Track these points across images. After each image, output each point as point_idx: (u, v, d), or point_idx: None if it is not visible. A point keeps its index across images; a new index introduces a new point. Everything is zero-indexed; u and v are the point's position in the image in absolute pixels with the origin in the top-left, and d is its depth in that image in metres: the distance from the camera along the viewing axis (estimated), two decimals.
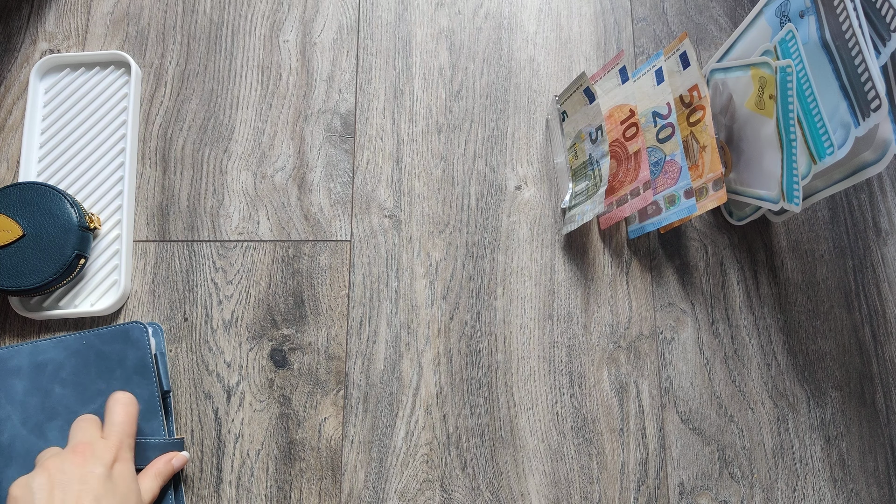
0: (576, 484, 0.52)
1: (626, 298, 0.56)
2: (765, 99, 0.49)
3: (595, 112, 0.54)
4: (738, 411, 0.54)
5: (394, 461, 0.52)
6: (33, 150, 0.57)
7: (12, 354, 0.49)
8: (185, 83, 0.60)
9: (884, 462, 0.54)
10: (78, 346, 0.50)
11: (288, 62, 0.61)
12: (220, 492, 0.51)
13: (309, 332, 0.55)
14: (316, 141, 0.59)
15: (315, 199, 0.58)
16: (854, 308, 0.57)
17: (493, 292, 0.56)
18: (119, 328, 0.50)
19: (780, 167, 0.49)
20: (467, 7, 0.63)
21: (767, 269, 0.58)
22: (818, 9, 0.46)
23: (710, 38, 0.63)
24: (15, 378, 0.48)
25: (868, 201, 0.60)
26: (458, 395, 0.54)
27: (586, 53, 0.62)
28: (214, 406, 0.53)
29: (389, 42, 0.62)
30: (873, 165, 0.45)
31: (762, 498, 0.53)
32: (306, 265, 0.56)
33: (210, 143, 0.59)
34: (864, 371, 0.56)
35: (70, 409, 0.48)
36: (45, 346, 0.49)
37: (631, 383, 0.55)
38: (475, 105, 0.61)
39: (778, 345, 0.56)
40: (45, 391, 0.48)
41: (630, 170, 0.55)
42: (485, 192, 0.58)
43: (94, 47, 0.61)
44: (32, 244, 0.51)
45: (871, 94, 0.42)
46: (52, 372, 0.49)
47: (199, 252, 0.56)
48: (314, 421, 0.53)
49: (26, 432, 0.47)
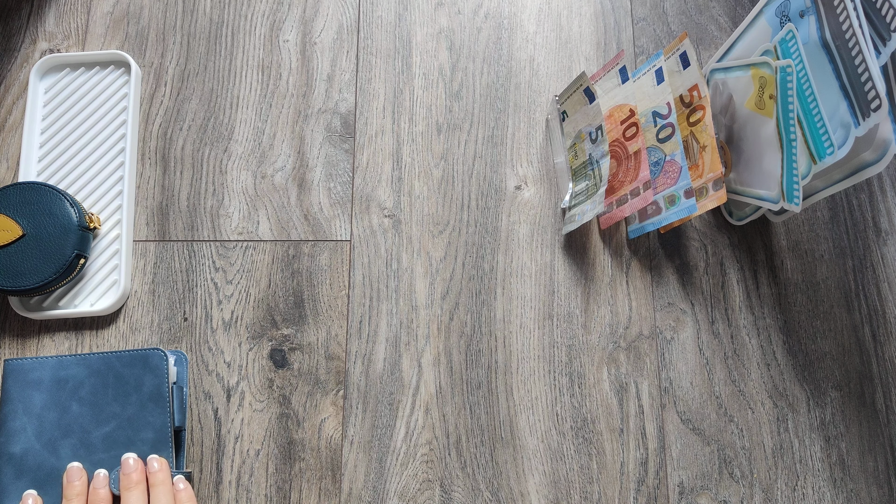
0: (575, 484, 0.52)
1: (626, 298, 0.56)
2: (765, 99, 0.49)
3: (595, 112, 0.54)
4: (738, 411, 0.54)
5: (394, 461, 0.52)
6: (33, 150, 0.57)
7: (35, 366, 0.49)
8: (185, 83, 0.60)
9: (884, 462, 0.54)
10: (99, 366, 0.49)
11: (288, 62, 0.61)
12: (220, 492, 0.51)
13: (309, 332, 0.55)
14: (316, 141, 0.59)
15: (315, 198, 0.58)
16: (854, 308, 0.57)
17: (493, 292, 0.56)
18: (139, 353, 0.49)
19: (780, 167, 0.49)
20: (467, 7, 0.63)
21: (767, 269, 0.58)
22: (818, 9, 0.46)
23: (710, 38, 0.63)
24: (35, 390, 0.48)
25: (868, 201, 0.60)
26: (458, 395, 0.54)
27: (586, 53, 0.62)
28: (214, 406, 0.53)
29: (389, 42, 0.62)
30: (873, 165, 0.45)
31: (762, 498, 0.53)
32: (306, 265, 0.56)
33: (210, 143, 0.59)
34: (864, 371, 0.56)
35: (84, 429, 0.47)
36: (69, 361, 0.49)
37: (631, 383, 0.55)
38: (475, 105, 0.61)
39: (778, 345, 0.56)
40: (62, 407, 0.48)
41: (630, 170, 0.55)
42: (485, 192, 0.58)
43: (94, 47, 0.61)
44: (32, 244, 0.51)
45: (871, 94, 0.42)
46: (72, 389, 0.48)
47: (198, 252, 0.56)
48: (314, 421, 0.53)
49: (39, 447, 0.47)
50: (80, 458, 0.47)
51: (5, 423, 0.47)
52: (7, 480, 0.46)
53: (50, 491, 0.46)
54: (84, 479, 0.46)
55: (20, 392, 0.48)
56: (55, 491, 0.46)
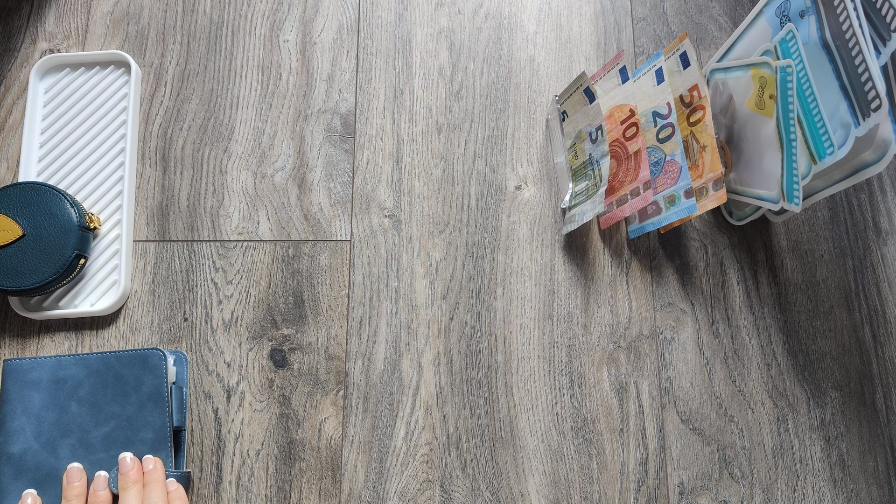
0: (576, 484, 0.52)
1: (626, 298, 0.56)
2: (765, 99, 0.49)
3: (595, 112, 0.54)
4: (738, 411, 0.54)
5: (394, 461, 0.52)
6: (33, 150, 0.57)
7: (34, 366, 0.49)
8: (185, 83, 0.60)
9: (884, 462, 0.54)
10: (98, 366, 0.49)
11: (288, 62, 0.61)
12: (220, 492, 0.51)
13: (309, 332, 0.55)
14: (316, 141, 0.59)
15: (315, 198, 0.58)
16: (854, 308, 0.57)
17: (493, 292, 0.56)
18: (138, 353, 0.49)
19: (780, 167, 0.49)
20: (467, 7, 0.63)
21: (767, 269, 0.58)
22: (818, 9, 0.46)
23: (710, 37, 0.63)
24: (34, 390, 0.48)
25: (868, 201, 0.60)
26: (458, 395, 0.54)
27: (586, 53, 0.62)
28: (214, 406, 0.53)
29: (389, 42, 0.62)
30: (873, 165, 0.45)
31: (762, 498, 0.53)
32: (306, 265, 0.56)
33: (210, 143, 0.59)
34: (864, 371, 0.56)
35: (83, 429, 0.47)
36: (67, 361, 0.49)
37: (631, 383, 0.55)
38: (475, 105, 0.61)
39: (778, 345, 0.56)
40: (61, 407, 0.48)
41: (630, 170, 0.55)
42: (485, 192, 0.58)
43: (94, 47, 0.60)
44: (32, 244, 0.51)
45: (871, 94, 0.42)
46: (71, 389, 0.48)
47: (199, 252, 0.56)
48: (314, 421, 0.53)
49: (38, 447, 0.47)
50: (78, 458, 0.47)
51: (4, 423, 0.47)
52: (6, 480, 0.46)
53: (49, 491, 0.46)
54: (84, 480, 0.46)
55: (19, 392, 0.48)
56: (54, 491, 0.46)
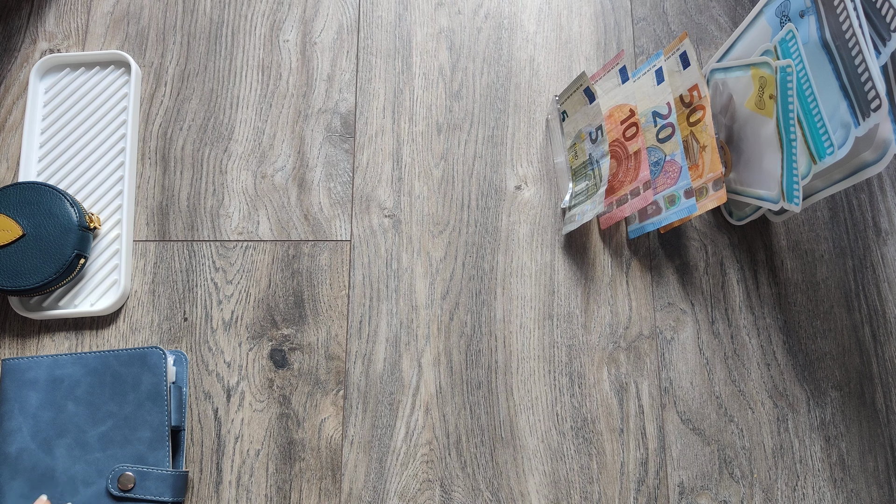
0: (576, 484, 0.52)
1: (626, 298, 0.56)
2: (765, 99, 0.49)
3: (595, 112, 0.54)
4: (738, 411, 0.54)
5: (394, 461, 0.52)
6: (33, 150, 0.57)
7: (31, 365, 0.48)
8: (185, 83, 0.60)
9: (884, 462, 0.54)
10: (96, 365, 0.49)
11: (288, 62, 0.61)
12: (220, 492, 0.51)
13: (309, 332, 0.55)
14: (316, 141, 0.59)
15: (315, 198, 0.58)
16: (854, 308, 0.57)
17: (493, 292, 0.56)
18: (137, 351, 0.49)
19: (780, 167, 0.49)
20: (467, 7, 0.63)
21: (767, 269, 0.58)
22: (818, 9, 0.46)
23: (710, 37, 0.63)
24: (31, 390, 0.48)
25: (868, 201, 0.60)
26: (458, 395, 0.54)
27: (586, 53, 0.62)
28: (214, 406, 0.53)
29: (389, 42, 0.62)
30: (873, 165, 0.45)
31: (762, 498, 0.53)
32: (306, 265, 0.56)
33: (210, 143, 0.59)
34: (864, 371, 0.56)
35: (80, 429, 0.47)
36: (64, 360, 0.49)
37: (631, 383, 0.55)
38: (475, 105, 0.61)
39: (778, 345, 0.56)
40: (58, 406, 0.48)
41: (630, 170, 0.55)
42: (485, 191, 0.58)
43: (94, 47, 0.61)
44: (32, 244, 0.51)
45: (871, 94, 0.42)
46: (68, 388, 0.48)
47: (198, 252, 0.56)
48: (314, 421, 0.53)
49: (35, 446, 0.47)
50: (75, 457, 0.47)
51: (1, 423, 0.47)
52: (2, 481, 0.46)
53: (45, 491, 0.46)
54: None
55: (17, 392, 0.48)
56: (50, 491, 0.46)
